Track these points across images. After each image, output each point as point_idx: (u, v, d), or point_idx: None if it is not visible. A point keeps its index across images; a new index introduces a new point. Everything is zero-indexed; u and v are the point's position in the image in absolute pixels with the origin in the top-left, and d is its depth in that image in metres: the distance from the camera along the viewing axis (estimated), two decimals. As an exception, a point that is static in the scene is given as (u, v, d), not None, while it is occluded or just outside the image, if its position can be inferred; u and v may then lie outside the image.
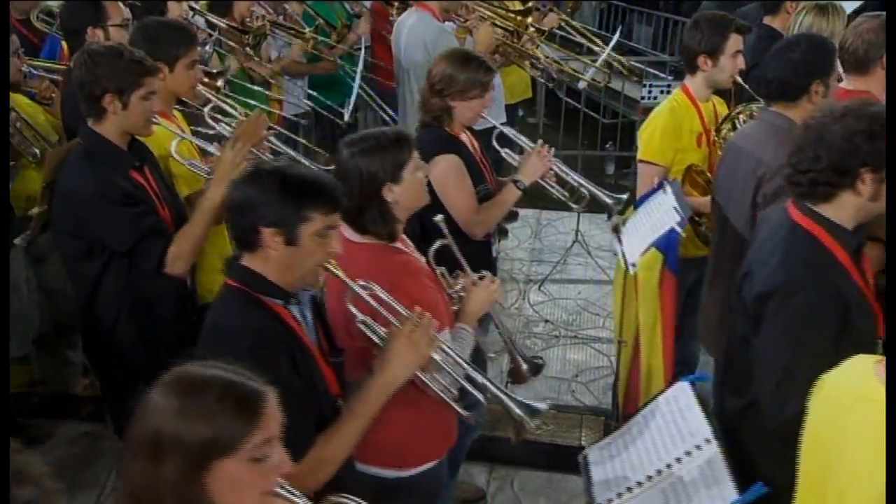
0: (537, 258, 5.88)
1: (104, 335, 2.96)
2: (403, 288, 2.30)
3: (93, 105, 2.84)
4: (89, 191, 2.80)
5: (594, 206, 3.49)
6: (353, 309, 2.18)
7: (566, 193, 3.38)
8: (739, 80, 3.62)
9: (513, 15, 4.70)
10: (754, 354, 2.19)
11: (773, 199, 2.69)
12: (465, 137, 3.34)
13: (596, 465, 2.27)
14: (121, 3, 3.86)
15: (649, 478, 2.08)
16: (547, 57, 5.03)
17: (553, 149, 3.32)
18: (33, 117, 3.77)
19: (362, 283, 2.17)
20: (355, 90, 5.09)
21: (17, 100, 3.79)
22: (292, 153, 3.47)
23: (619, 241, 3.11)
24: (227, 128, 3.24)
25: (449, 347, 2.23)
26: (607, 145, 7.42)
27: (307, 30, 5.55)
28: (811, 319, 2.07)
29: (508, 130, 3.49)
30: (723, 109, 3.73)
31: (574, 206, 3.39)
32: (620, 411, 3.39)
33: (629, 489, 2.11)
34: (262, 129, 3.22)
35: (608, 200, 3.29)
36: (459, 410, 2.27)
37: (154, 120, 2.92)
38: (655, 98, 5.58)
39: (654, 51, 8.43)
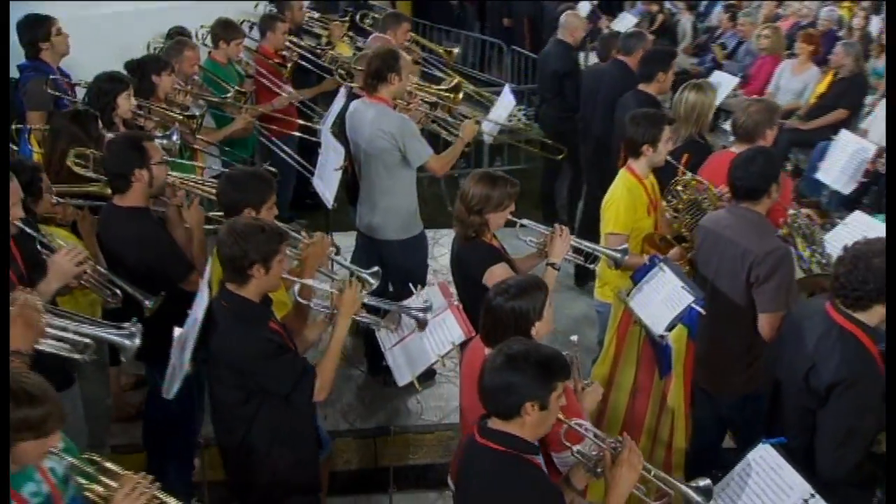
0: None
1: (258, 461, 3.10)
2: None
3: (240, 274, 2.95)
4: (252, 352, 2.94)
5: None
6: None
7: (582, 259, 3.76)
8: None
9: (446, 93, 5.03)
10: (817, 421, 2.77)
11: (766, 279, 3.28)
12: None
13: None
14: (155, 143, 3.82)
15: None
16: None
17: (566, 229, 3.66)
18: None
19: (577, 420, 2.55)
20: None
21: (59, 233, 3.64)
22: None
23: (632, 312, 3.67)
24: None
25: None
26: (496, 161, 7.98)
27: (230, 93, 5.60)
28: (864, 402, 2.68)
29: (527, 222, 3.72)
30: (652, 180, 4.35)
31: (591, 266, 3.83)
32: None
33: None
34: (327, 249, 3.46)
35: (618, 255, 3.66)
36: None
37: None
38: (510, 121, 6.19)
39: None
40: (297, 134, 6.14)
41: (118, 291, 3.35)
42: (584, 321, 5.52)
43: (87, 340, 2.78)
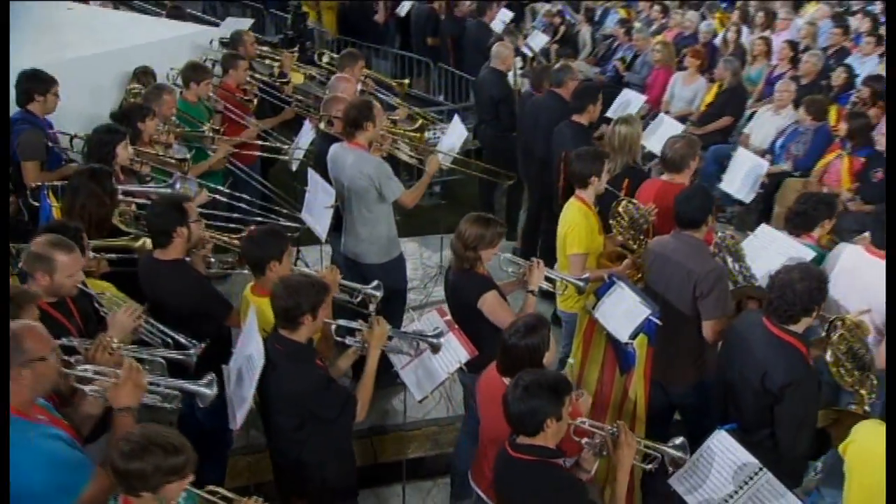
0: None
1: (311, 474, 3.50)
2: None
3: (292, 322, 3.33)
4: (307, 386, 3.34)
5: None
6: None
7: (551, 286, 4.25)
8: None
9: (413, 133, 5.47)
10: (775, 414, 3.37)
11: (708, 293, 3.89)
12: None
13: (687, 493, 3.22)
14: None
15: (735, 492, 3.12)
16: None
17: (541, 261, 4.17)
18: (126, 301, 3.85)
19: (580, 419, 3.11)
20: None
21: (104, 286, 3.92)
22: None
23: (597, 322, 4.24)
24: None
25: None
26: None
27: (206, 127, 5.87)
28: (809, 395, 3.32)
29: (508, 256, 4.23)
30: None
31: (559, 293, 4.40)
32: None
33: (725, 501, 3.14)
34: (387, 331, 3.73)
35: (581, 283, 4.18)
36: None
37: None
38: (438, 138, 6.66)
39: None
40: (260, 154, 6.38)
41: (169, 340, 3.68)
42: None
43: (175, 392, 3.12)
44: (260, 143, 6.30)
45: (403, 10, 10.35)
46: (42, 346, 2.73)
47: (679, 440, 3.21)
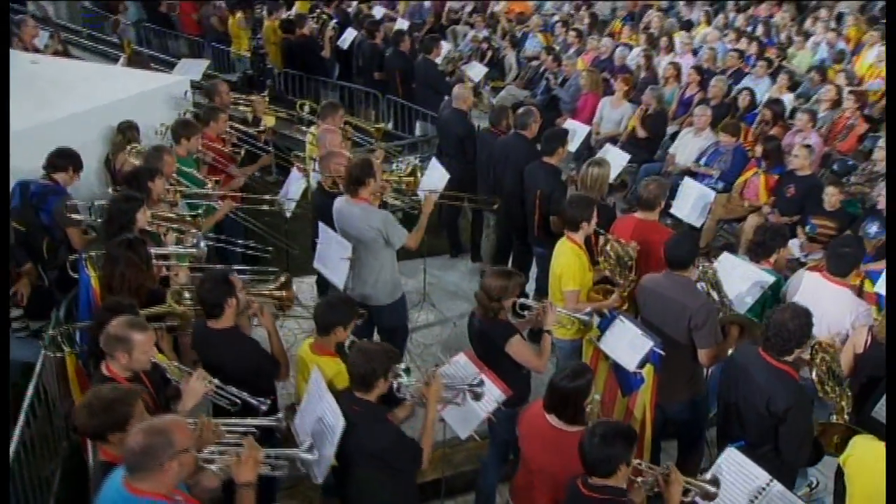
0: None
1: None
2: None
3: (368, 385, 3.52)
4: (389, 444, 3.55)
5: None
6: None
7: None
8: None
9: (408, 178, 5.67)
10: (780, 433, 3.73)
11: (702, 325, 4.26)
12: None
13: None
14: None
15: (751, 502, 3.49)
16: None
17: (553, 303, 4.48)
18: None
19: (637, 461, 3.39)
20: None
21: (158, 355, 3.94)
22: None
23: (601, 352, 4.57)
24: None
25: None
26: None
27: (209, 184, 5.88)
28: (807, 415, 3.73)
29: (522, 300, 4.42)
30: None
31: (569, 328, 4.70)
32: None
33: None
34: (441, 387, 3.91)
35: (587, 318, 4.49)
36: None
37: None
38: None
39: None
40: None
41: (237, 400, 3.78)
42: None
43: (283, 462, 3.26)
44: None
45: (346, 43, 10.40)
46: (186, 438, 2.83)
47: (710, 475, 3.48)
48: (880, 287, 5.12)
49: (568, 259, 4.96)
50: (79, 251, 4.71)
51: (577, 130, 7.58)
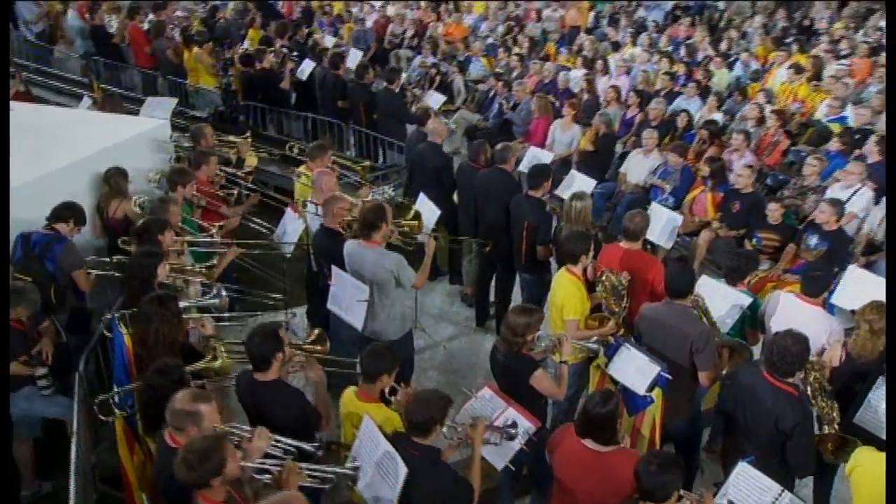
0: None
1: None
2: None
3: (426, 431, 3.67)
4: (449, 484, 3.70)
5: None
6: None
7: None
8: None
9: (412, 223, 5.77)
10: (787, 447, 4.02)
11: (703, 349, 4.53)
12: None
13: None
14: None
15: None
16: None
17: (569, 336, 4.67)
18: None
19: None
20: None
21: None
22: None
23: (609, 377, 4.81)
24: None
25: None
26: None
27: (214, 229, 5.84)
28: (811, 430, 4.04)
29: (539, 333, 4.55)
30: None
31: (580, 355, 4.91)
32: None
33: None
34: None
35: (595, 346, 4.77)
36: None
37: None
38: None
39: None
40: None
41: (292, 449, 3.83)
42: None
43: (330, 476, 3.39)
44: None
45: (304, 74, 10.35)
46: None
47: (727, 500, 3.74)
48: (835, 299, 5.56)
49: (568, 290, 5.18)
50: (94, 301, 4.68)
51: (538, 155, 7.92)
